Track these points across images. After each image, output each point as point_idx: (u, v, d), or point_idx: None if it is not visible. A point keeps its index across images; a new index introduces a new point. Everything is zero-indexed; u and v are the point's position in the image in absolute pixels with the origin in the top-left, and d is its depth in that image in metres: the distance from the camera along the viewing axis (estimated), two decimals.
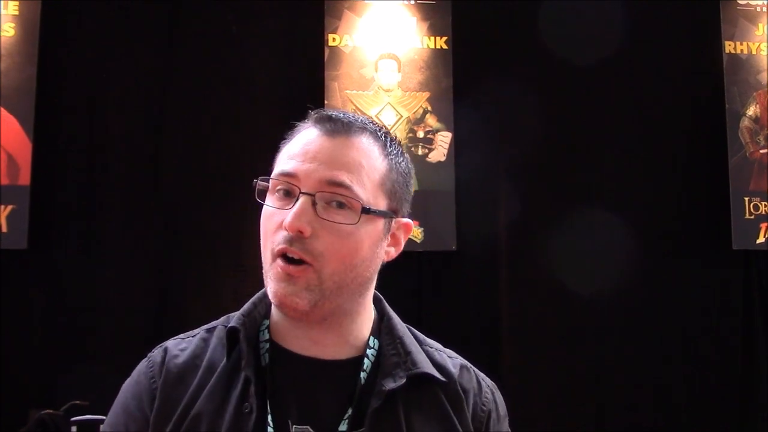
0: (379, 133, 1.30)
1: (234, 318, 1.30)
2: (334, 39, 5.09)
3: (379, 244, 1.27)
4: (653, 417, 5.30)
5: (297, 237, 1.19)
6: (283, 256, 1.20)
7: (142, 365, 1.32)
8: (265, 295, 1.29)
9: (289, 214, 1.19)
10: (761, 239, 5.52)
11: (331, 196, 1.21)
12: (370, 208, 1.23)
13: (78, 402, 3.99)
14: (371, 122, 1.31)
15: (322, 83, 5.06)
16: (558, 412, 5.10)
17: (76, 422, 3.69)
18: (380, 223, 1.26)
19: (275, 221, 1.22)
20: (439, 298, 5.05)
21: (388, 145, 1.30)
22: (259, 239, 1.26)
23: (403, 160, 1.31)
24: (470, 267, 5.24)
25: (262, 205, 1.27)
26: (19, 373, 4.78)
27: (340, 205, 1.21)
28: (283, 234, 1.20)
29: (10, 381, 4.74)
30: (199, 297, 5.23)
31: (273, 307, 1.28)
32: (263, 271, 1.24)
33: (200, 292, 5.23)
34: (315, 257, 1.19)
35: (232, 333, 1.27)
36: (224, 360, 1.27)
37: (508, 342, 5.07)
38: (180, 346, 1.32)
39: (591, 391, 5.26)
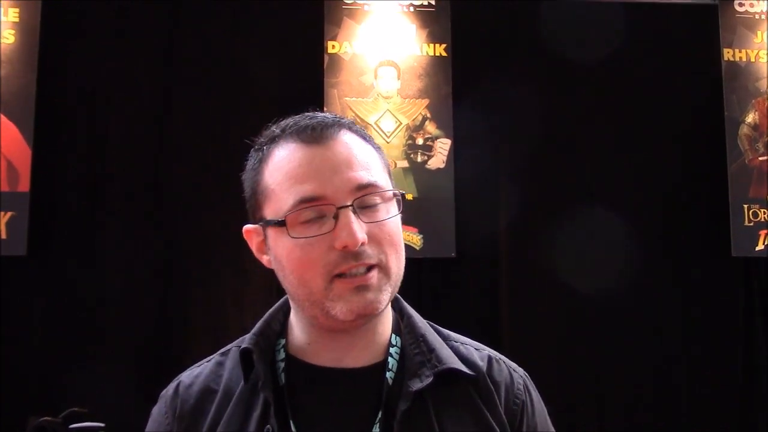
0: (346, 122, 1.30)
1: (246, 339, 1.29)
2: (333, 46, 5.10)
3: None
4: (653, 417, 5.33)
5: (357, 249, 1.18)
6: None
7: (156, 407, 1.32)
8: (278, 312, 1.33)
9: (341, 234, 1.17)
10: (761, 246, 5.52)
11: (367, 200, 1.21)
12: (402, 195, 1.27)
13: (77, 409, 3.97)
14: (331, 115, 1.30)
15: (322, 90, 5.09)
16: (558, 412, 5.11)
17: (74, 429, 3.67)
18: (396, 205, 1.27)
19: (320, 247, 1.18)
20: (438, 305, 5.08)
21: (358, 129, 1.31)
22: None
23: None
24: (470, 274, 5.26)
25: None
26: (18, 379, 4.78)
27: (375, 203, 1.22)
28: (338, 254, 1.18)
29: (9, 387, 4.75)
30: (201, 302, 5.27)
31: (304, 322, 1.28)
32: (301, 301, 1.24)
33: (201, 297, 5.27)
34: (378, 258, 1.20)
35: (245, 354, 1.26)
36: (242, 383, 1.26)
37: (510, 348, 5.09)
38: (194, 373, 1.32)
39: (591, 391, 5.30)
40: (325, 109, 4.85)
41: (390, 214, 1.23)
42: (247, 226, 1.29)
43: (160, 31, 5.44)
